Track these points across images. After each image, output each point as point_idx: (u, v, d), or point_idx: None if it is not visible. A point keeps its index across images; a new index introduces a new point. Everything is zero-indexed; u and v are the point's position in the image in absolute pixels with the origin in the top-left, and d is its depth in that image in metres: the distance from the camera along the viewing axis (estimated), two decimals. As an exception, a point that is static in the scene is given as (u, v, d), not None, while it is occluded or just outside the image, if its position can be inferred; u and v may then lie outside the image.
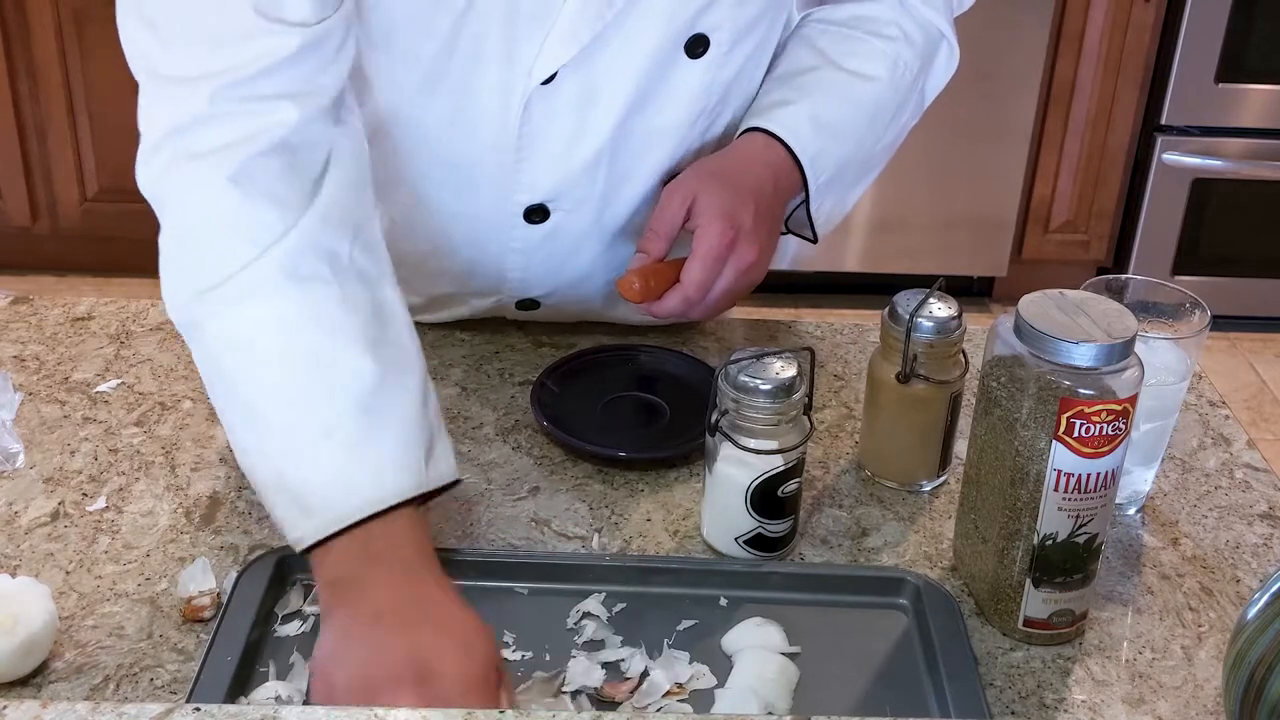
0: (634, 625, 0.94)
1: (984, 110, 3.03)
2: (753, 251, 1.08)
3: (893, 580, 0.97)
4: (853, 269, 3.22)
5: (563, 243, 1.17)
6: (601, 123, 1.11)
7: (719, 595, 0.97)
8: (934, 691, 0.89)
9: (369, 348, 0.90)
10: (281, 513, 0.89)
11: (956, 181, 3.12)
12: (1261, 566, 1.03)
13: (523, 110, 1.08)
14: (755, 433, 0.96)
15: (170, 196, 0.95)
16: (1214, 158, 3.10)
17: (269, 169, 0.93)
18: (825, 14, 1.20)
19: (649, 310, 1.09)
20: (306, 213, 0.93)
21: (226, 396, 0.93)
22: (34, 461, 1.08)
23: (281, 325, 0.90)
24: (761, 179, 1.11)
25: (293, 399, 0.89)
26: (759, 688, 0.88)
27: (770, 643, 0.92)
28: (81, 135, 3.07)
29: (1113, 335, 0.86)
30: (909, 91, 1.19)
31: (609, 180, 1.14)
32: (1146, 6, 2.99)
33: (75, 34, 2.97)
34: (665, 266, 1.09)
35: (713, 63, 1.11)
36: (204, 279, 0.92)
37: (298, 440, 0.89)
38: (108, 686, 0.87)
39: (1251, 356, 3.21)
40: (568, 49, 1.05)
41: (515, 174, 1.12)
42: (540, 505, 1.05)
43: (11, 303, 1.29)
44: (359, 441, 0.88)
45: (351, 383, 0.89)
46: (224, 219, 0.92)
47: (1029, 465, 0.89)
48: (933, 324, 1.03)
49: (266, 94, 0.94)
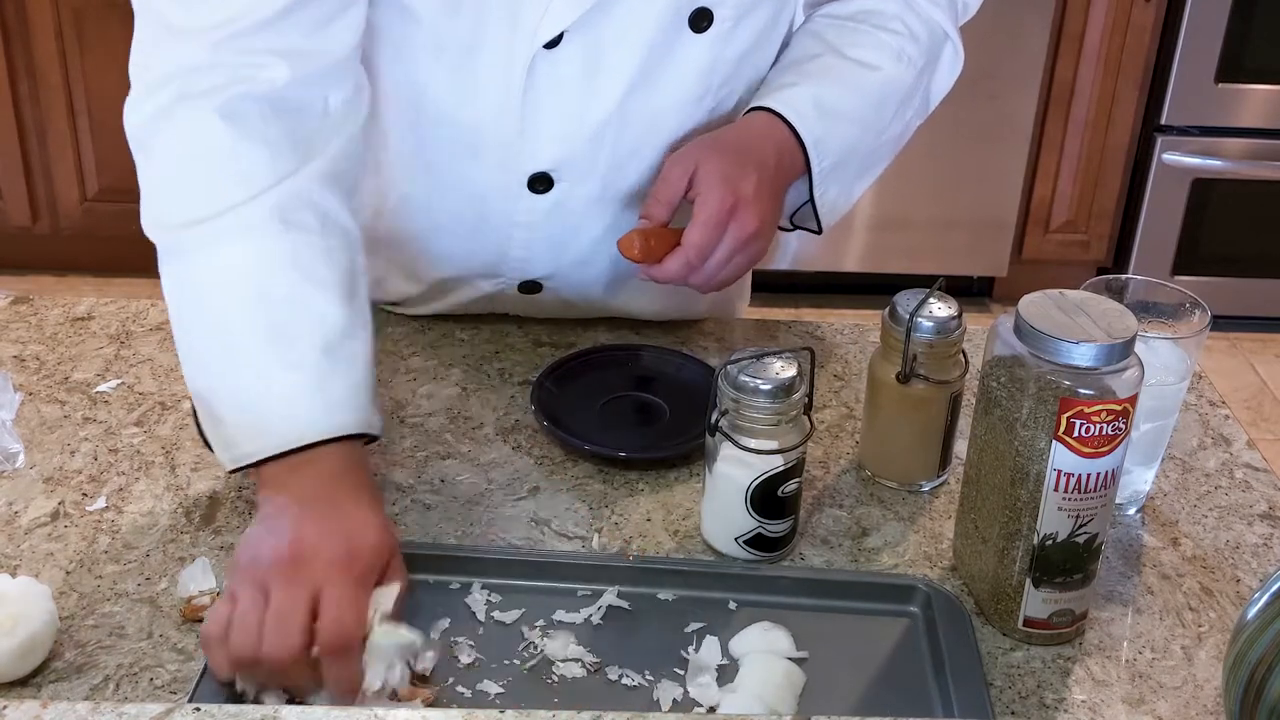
0: (641, 628, 0.94)
1: (984, 110, 3.03)
2: (754, 221, 1.08)
3: (903, 587, 0.97)
4: (853, 269, 3.22)
5: (567, 217, 1.18)
6: (606, 93, 1.11)
7: (728, 599, 0.97)
8: (940, 699, 0.89)
9: (341, 298, 0.98)
10: (232, 430, 0.96)
11: (957, 181, 3.12)
12: (1261, 566, 1.03)
13: (526, 75, 1.09)
14: (755, 433, 0.96)
15: (161, 134, 1.00)
16: (1214, 158, 3.10)
17: (262, 113, 0.99)
18: (831, 9, 1.21)
19: (649, 274, 1.09)
20: (304, 167, 0.99)
21: (197, 322, 0.99)
22: (34, 461, 1.08)
23: (266, 264, 0.97)
24: (765, 153, 1.11)
25: (269, 332, 0.96)
26: (765, 693, 0.88)
27: (777, 647, 0.92)
28: (81, 135, 3.07)
29: (1113, 335, 0.86)
30: (914, 86, 1.20)
31: (613, 154, 1.15)
32: (1146, 6, 2.99)
33: (75, 34, 2.97)
34: (667, 232, 1.09)
35: (717, 38, 1.12)
36: (194, 211, 0.98)
37: (267, 368, 0.95)
38: (108, 686, 0.87)
39: (1251, 356, 3.21)
40: (572, 10, 1.06)
41: (519, 140, 1.13)
42: (540, 505, 1.05)
43: (11, 303, 1.29)
44: (322, 377, 0.95)
45: (321, 325, 0.96)
46: (217, 154, 0.99)
47: (1029, 465, 0.89)
48: (933, 324, 1.03)
49: (260, 48, 1.00)
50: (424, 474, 1.08)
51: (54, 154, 3.09)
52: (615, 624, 0.94)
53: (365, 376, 0.98)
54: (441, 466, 1.09)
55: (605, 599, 0.95)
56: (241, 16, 0.99)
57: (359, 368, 0.98)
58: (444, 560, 0.98)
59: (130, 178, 1.00)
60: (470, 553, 0.99)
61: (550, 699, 0.88)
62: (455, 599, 0.95)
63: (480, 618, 0.94)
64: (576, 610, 0.95)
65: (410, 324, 1.28)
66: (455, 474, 1.08)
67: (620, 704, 0.88)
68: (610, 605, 0.95)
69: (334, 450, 0.94)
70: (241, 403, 0.95)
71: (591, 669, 0.90)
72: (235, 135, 0.98)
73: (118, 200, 3.05)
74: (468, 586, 0.96)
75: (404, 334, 1.26)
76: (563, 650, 0.91)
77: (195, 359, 0.99)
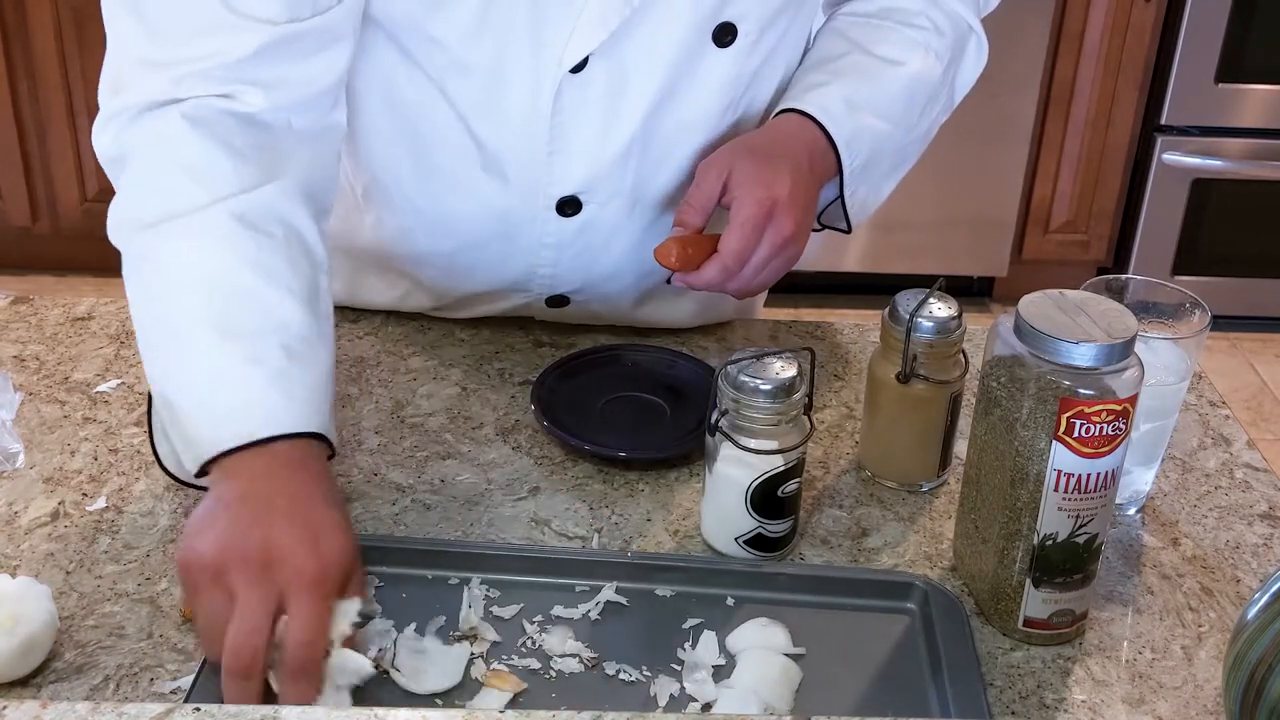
0: (639, 624, 0.94)
1: (984, 110, 3.03)
2: (790, 224, 1.07)
3: (900, 585, 0.97)
4: (853, 269, 3.22)
5: (594, 236, 1.17)
6: (632, 112, 1.11)
7: (726, 595, 0.97)
8: (937, 696, 0.89)
9: (303, 303, 0.95)
10: (192, 427, 0.92)
11: (957, 181, 3.12)
12: (1261, 566, 1.03)
13: (554, 99, 1.09)
14: (755, 433, 0.96)
15: (127, 144, 1.00)
16: (1214, 158, 3.10)
17: (227, 123, 0.98)
18: (854, 7, 1.21)
19: (685, 281, 1.08)
20: (272, 182, 0.98)
21: (158, 317, 0.97)
22: (34, 461, 1.08)
23: (227, 261, 0.95)
24: (798, 155, 1.10)
25: (227, 327, 0.93)
26: (761, 688, 0.88)
27: (774, 643, 0.92)
28: (81, 135, 3.06)
29: (1113, 335, 0.86)
30: (940, 81, 1.19)
31: (640, 171, 1.14)
32: (1146, 6, 2.99)
33: (75, 34, 2.97)
34: (703, 238, 1.08)
35: (741, 52, 1.12)
36: (153, 212, 0.97)
37: (228, 362, 0.92)
38: (108, 686, 0.87)
39: (1251, 356, 3.21)
40: (596, 35, 1.06)
41: (548, 165, 1.12)
42: (540, 505, 1.05)
43: (11, 303, 1.29)
44: (282, 374, 0.92)
45: (282, 326, 0.94)
46: (179, 155, 0.97)
47: (1029, 465, 0.89)
48: (933, 324, 1.03)
49: (234, 79, 0.99)
50: (424, 474, 1.08)
51: (54, 154, 3.09)
52: (613, 620, 0.94)
53: (326, 384, 0.95)
54: (441, 466, 1.09)
55: (603, 595, 0.95)
56: (216, 54, 0.98)
57: (321, 373, 0.95)
58: (443, 556, 0.98)
59: (131, 178, 1.01)
60: (469, 548, 0.99)
61: (548, 694, 0.88)
62: (454, 594, 0.96)
63: (479, 613, 0.94)
64: (574, 606, 0.95)
65: (410, 324, 1.27)
66: (455, 474, 1.08)
67: (617, 699, 0.88)
68: (608, 601, 0.95)
69: (297, 446, 0.91)
70: (200, 398, 0.92)
71: (589, 664, 0.90)
72: (199, 137, 0.97)
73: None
74: (466, 582, 0.96)
75: (404, 334, 1.26)
76: (560, 645, 0.91)
77: (155, 356, 0.96)
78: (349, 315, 1.28)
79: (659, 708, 0.87)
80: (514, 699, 0.87)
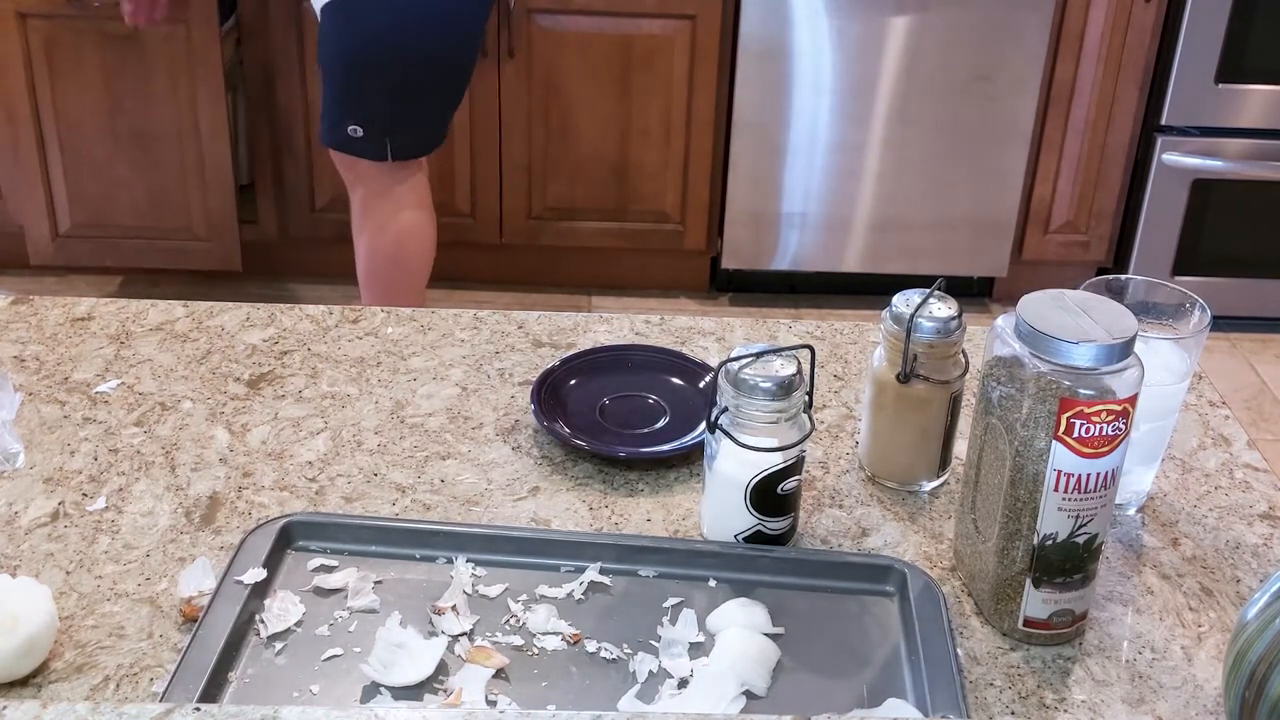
0: (621, 603, 0.95)
1: (984, 111, 3.03)
2: None
3: (880, 568, 0.98)
4: (853, 269, 3.22)
5: None
6: None
7: (708, 577, 0.98)
8: (911, 675, 0.90)
9: None
10: None
11: (957, 182, 3.12)
12: (1261, 566, 1.03)
13: None
14: (755, 430, 0.96)
15: None
16: (1214, 158, 3.10)
17: None
18: None
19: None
20: None
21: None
22: (34, 461, 1.08)
23: None
24: None
25: None
26: (738, 665, 0.89)
27: (753, 622, 0.93)
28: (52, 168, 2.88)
29: (1113, 335, 0.86)
30: None
31: None
32: (1146, 7, 2.99)
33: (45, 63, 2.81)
34: None
35: None
36: None
37: None
38: (108, 686, 0.87)
39: (1251, 356, 3.21)
40: None
41: None
42: (540, 505, 1.05)
43: (11, 303, 1.29)
44: None
45: None
46: None
47: (1029, 465, 0.89)
48: (933, 324, 1.03)
49: None
50: (424, 474, 1.08)
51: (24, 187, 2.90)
52: (596, 599, 0.96)
53: None
54: (441, 466, 1.09)
55: (588, 575, 0.97)
56: None
57: None
58: (431, 535, 0.99)
59: (103, 212, 0.96)
60: (458, 527, 1.00)
61: (530, 670, 0.89)
62: (441, 572, 0.97)
63: (467, 590, 0.95)
64: (559, 586, 0.96)
65: (410, 324, 1.28)
66: (455, 474, 1.08)
67: (597, 675, 0.89)
68: (592, 581, 0.97)
69: None
70: None
71: (570, 641, 0.92)
72: None
73: (90, 236, 2.88)
74: (453, 560, 0.98)
75: (404, 334, 1.26)
76: (544, 624, 0.93)
77: None
78: (349, 315, 1.28)
79: (637, 684, 0.89)
80: (497, 674, 0.89)
